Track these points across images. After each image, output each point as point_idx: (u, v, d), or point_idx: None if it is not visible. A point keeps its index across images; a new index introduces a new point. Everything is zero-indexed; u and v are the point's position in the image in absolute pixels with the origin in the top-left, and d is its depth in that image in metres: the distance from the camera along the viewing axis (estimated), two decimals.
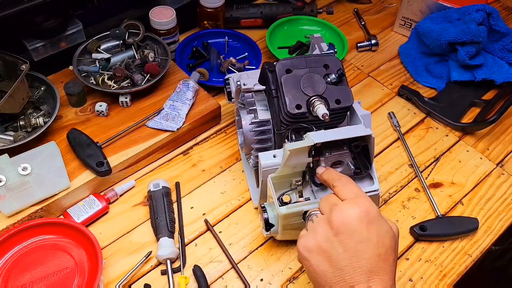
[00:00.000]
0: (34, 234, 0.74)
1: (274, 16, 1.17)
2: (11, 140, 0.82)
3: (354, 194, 0.57)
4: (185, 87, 0.93)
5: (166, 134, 0.88)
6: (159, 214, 0.77)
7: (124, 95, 0.91)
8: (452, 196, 0.87)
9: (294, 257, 0.77)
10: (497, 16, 1.04)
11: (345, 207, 0.55)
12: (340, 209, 0.55)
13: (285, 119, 0.68)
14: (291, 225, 0.68)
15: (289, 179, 0.69)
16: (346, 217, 0.54)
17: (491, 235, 0.82)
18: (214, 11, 1.09)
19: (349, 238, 0.53)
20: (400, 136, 0.96)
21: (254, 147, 0.75)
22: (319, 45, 0.83)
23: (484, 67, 1.04)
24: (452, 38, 1.01)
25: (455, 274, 0.77)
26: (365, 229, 0.53)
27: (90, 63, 0.95)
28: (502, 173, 0.92)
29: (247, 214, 0.83)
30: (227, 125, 0.97)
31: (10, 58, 0.81)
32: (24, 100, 0.82)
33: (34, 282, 0.70)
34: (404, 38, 1.20)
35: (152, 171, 0.88)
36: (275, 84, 0.68)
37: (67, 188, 0.78)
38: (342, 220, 0.54)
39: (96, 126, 0.88)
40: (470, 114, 1.02)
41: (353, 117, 0.72)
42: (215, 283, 0.74)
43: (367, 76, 1.10)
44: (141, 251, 0.77)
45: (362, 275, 0.52)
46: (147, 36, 0.99)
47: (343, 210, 0.54)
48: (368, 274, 0.52)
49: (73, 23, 0.94)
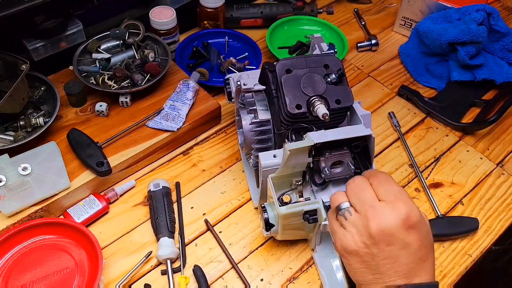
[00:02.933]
0: (34, 234, 0.74)
1: (274, 16, 1.17)
2: (11, 140, 0.82)
3: (394, 196, 0.52)
4: (185, 87, 0.93)
5: (166, 134, 0.88)
6: (159, 214, 0.77)
7: (124, 95, 0.91)
8: (452, 196, 0.87)
9: (294, 257, 0.77)
10: (497, 16, 1.04)
11: (384, 213, 0.50)
12: (378, 214, 0.50)
13: (285, 119, 0.68)
14: (291, 225, 0.68)
15: (289, 179, 0.69)
16: (386, 225, 0.50)
17: (491, 235, 0.82)
18: (214, 11, 1.09)
19: (390, 246, 0.50)
20: (400, 136, 0.96)
21: (254, 147, 0.75)
22: (319, 45, 0.83)
23: (484, 67, 1.04)
24: (452, 38, 1.01)
25: (455, 274, 0.77)
26: (406, 236, 0.50)
27: (90, 63, 0.95)
28: (502, 173, 0.92)
29: (247, 214, 0.83)
30: (227, 125, 0.97)
31: (10, 58, 0.81)
32: (24, 100, 0.82)
33: (34, 282, 0.70)
34: (404, 38, 1.20)
35: (152, 171, 0.88)
36: (275, 84, 0.68)
37: (67, 188, 0.78)
38: (382, 228, 0.50)
39: (96, 126, 0.88)
40: (470, 114, 1.02)
41: (353, 117, 0.72)
42: (215, 283, 0.74)
43: (367, 76, 1.10)
44: (141, 251, 0.77)
45: (403, 277, 0.50)
46: (147, 36, 0.99)
47: (382, 217, 0.50)
48: (408, 276, 0.50)
49: (73, 23, 0.94)
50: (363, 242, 0.51)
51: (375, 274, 0.51)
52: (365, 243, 0.51)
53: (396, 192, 0.52)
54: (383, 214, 0.50)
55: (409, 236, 0.50)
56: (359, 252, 0.52)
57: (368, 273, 0.52)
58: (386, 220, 0.50)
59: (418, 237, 0.51)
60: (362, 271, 0.52)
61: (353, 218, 0.53)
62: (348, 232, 0.53)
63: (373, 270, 0.51)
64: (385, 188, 0.53)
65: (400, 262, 0.50)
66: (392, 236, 0.50)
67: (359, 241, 0.52)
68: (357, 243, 0.52)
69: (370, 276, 0.52)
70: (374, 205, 0.51)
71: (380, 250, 0.50)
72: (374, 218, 0.50)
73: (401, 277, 0.50)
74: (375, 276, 0.51)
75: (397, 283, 0.51)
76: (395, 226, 0.50)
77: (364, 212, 0.52)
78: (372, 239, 0.51)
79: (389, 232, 0.50)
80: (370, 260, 0.51)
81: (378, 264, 0.51)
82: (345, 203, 0.54)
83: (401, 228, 0.50)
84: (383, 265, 0.51)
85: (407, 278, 0.50)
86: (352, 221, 0.53)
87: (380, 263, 0.51)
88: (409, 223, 0.50)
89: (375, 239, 0.50)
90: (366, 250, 0.51)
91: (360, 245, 0.52)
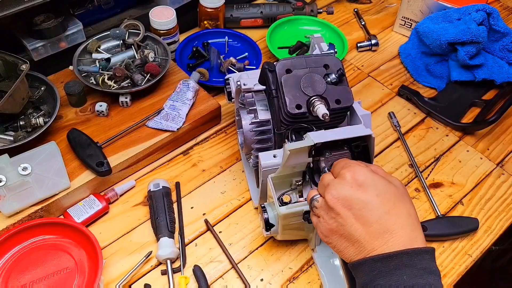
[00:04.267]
0: (34, 234, 0.74)
1: (274, 16, 1.17)
2: (11, 140, 0.82)
3: (341, 168, 0.56)
4: (185, 87, 0.93)
5: (166, 134, 0.88)
6: (159, 214, 0.77)
7: (124, 95, 0.91)
8: (452, 196, 0.87)
9: (294, 257, 0.77)
10: (497, 16, 1.04)
11: (334, 184, 0.55)
12: (331, 188, 0.55)
13: (285, 119, 0.68)
14: (291, 225, 0.68)
15: (289, 179, 0.69)
16: (337, 192, 0.54)
17: (491, 235, 0.82)
18: (214, 11, 1.09)
19: (350, 209, 0.53)
20: (400, 136, 0.96)
21: (254, 147, 0.75)
22: (319, 45, 0.83)
23: (484, 67, 1.04)
24: (452, 38, 1.01)
25: (455, 274, 0.77)
26: (360, 194, 0.53)
27: (90, 63, 0.95)
28: (502, 173, 0.92)
29: (247, 214, 0.83)
30: (227, 125, 0.97)
31: (10, 58, 0.81)
32: (24, 100, 0.82)
33: (34, 282, 0.70)
34: (404, 38, 1.20)
35: (152, 171, 0.88)
36: (275, 84, 0.68)
37: (67, 188, 0.78)
38: (335, 196, 0.54)
39: (96, 126, 0.88)
40: (470, 114, 1.02)
41: (353, 117, 0.72)
42: (215, 283, 0.74)
43: (367, 76, 1.10)
44: (141, 251, 0.77)
45: (379, 238, 0.51)
46: (147, 36, 0.99)
47: (332, 187, 0.55)
48: (383, 236, 0.51)
49: (73, 23, 0.94)
50: (330, 217, 0.55)
51: (354, 243, 0.53)
52: (331, 216, 0.55)
53: (343, 164, 0.57)
54: (333, 185, 0.55)
55: (364, 194, 0.53)
56: (332, 228, 0.55)
57: (349, 245, 0.54)
58: (336, 188, 0.54)
59: (374, 192, 0.53)
60: (345, 246, 0.54)
61: (319, 204, 0.57)
62: (320, 218, 0.57)
63: (350, 239, 0.53)
64: (337, 167, 0.58)
65: (368, 221, 0.52)
66: (346, 199, 0.53)
67: (327, 218, 0.55)
68: (326, 221, 0.56)
69: (352, 248, 0.54)
70: (329, 183, 0.56)
71: (344, 216, 0.53)
72: (329, 193, 0.55)
73: (377, 238, 0.51)
74: (355, 246, 0.53)
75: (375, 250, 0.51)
76: (345, 190, 0.54)
77: (323, 193, 0.56)
78: (332, 210, 0.54)
79: (343, 197, 0.54)
80: (343, 230, 0.54)
81: (351, 231, 0.53)
82: (315, 196, 0.58)
83: (351, 189, 0.54)
84: (355, 230, 0.53)
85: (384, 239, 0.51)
86: (319, 206, 0.57)
87: (351, 229, 0.53)
88: (357, 183, 0.54)
89: (334, 208, 0.54)
90: (335, 223, 0.54)
91: (329, 221, 0.55)
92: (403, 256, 0.50)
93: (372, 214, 0.52)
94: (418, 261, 0.50)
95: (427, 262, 0.50)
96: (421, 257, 0.50)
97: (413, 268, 0.49)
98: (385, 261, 0.50)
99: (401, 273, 0.49)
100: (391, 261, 0.50)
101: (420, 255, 0.50)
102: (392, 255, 0.50)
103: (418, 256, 0.50)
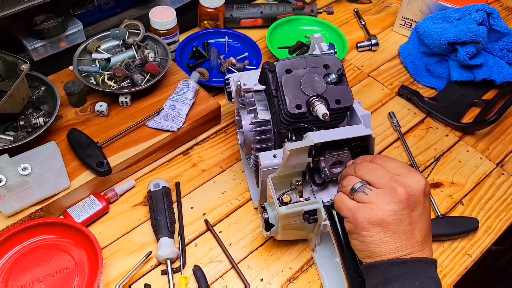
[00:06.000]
0: (34, 234, 0.74)
1: (274, 16, 1.17)
2: (11, 140, 0.82)
3: (404, 168, 0.56)
4: (185, 87, 0.93)
5: (166, 134, 0.88)
6: (159, 214, 0.77)
7: (124, 95, 0.91)
8: (452, 196, 0.87)
9: (294, 257, 0.77)
10: (497, 16, 1.04)
11: (407, 181, 0.54)
12: (403, 182, 0.54)
13: (285, 119, 0.68)
14: (291, 225, 0.68)
15: (289, 179, 0.69)
16: (412, 190, 0.54)
17: (491, 235, 0.82)
18: (214, 11, 1.09)
19: (414, 211, 0.54)
20: (400, 136, 0.97)
21: (254, 147, 0.75)
22: (319, 45, 0.83)
23: (484, 67, 1.04)
24: (452, 38, 1.01)
25: (455, 274, 0.77)
26: (424, 202, 0.55)
27: (90, 63, 0.95)
28: (502, 173, 0.92)
29: (247, 214, 0.83)
30: (227, 125, 0.97)
31: (10, 58, 0.81)
32: (24, 100, 0.82)
33: (34, 282, 0.70)
34: (404, 38, 1.20)
35: (152, 171, 0.88)
36: (275, 84, 0.68)
37: (67, 188, 0.78)
38: (410, 193, 0.54)
39: (96, 126, 0.88)
40: (470, 114, 1.02)
41: (353, 117, 0.72)
42: (215, 283, 0.74)
43: (367, 76, 1.10)
44: (141, 251, 0.77)
45: (418, 246, 0.54)
46: (147, 36, 0.99)
47: (406, 184, 0.54)
48: (421, 245, 0.55)
49: (73, 23, 0.94)
50: (391, 210, 0.54)
51: (397, 242, 0.54)
52: (394, 210, 0.54)
53: (402, 165, 0.57)
54: (406, 182, 0.54)
55: (425, 202, 0.56)
56: (385, 220, 0.54)
57: (391, 242, 0.54)
58: (411, 185, 0.54)
59: (429, 206, 0.56)
60: (386, 240, 0.54)
61: (374, 192, 0.56)
62: (371, 205, 0.55)
63: (396, 238, 0.54)
64: (391, 165, 0.57)
65: (418, 228, 0.54)
66: (416, 201, 0.54)
67: (386, 209, 0.54)
68: (384, 211, 0.54)
69: (393, 245, 0.54)
70: (394, 177, 0.55)
71: (406, 215, 0.54)
72: (400, 186, 0.54)
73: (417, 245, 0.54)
74: (397, 244, 0.54)
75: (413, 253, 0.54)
76: (418, 192, 0.54)
77: (387, 184, 0.55)
78: (401, 204, 0.54)
79: (415, 197, 0.54)
80: (396, 227, 0.54)
81: (403, 231, 0.54)
82: (358, 183, 0.58)
83: (422, 194, 0.55)
84: (406, 232, 0.54)
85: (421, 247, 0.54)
86: (374, 194, 0.56)
87: (405, 230, 0.54)
88: (426, 191, 0.55)
89: (404, 203, 0.54)
90: (394, 217, 0.54)
91: (387, 213, 0.54)
92: (417, 264, 0.53)
93: (424, 223, 0.55)
94: (428, 270, 0.54)
95: (433, 271, 0.54)
96: (430, 267, 0.54)
97: (424, 276, 0.53)
98: (401, 265, 0.53)
99: (414, 279, 0.52)
100: (406, 266, 0.53)
101: (429, 264, 0.54)
102: (407, 261, 0.53)
103: (427, 265, 0.54)
